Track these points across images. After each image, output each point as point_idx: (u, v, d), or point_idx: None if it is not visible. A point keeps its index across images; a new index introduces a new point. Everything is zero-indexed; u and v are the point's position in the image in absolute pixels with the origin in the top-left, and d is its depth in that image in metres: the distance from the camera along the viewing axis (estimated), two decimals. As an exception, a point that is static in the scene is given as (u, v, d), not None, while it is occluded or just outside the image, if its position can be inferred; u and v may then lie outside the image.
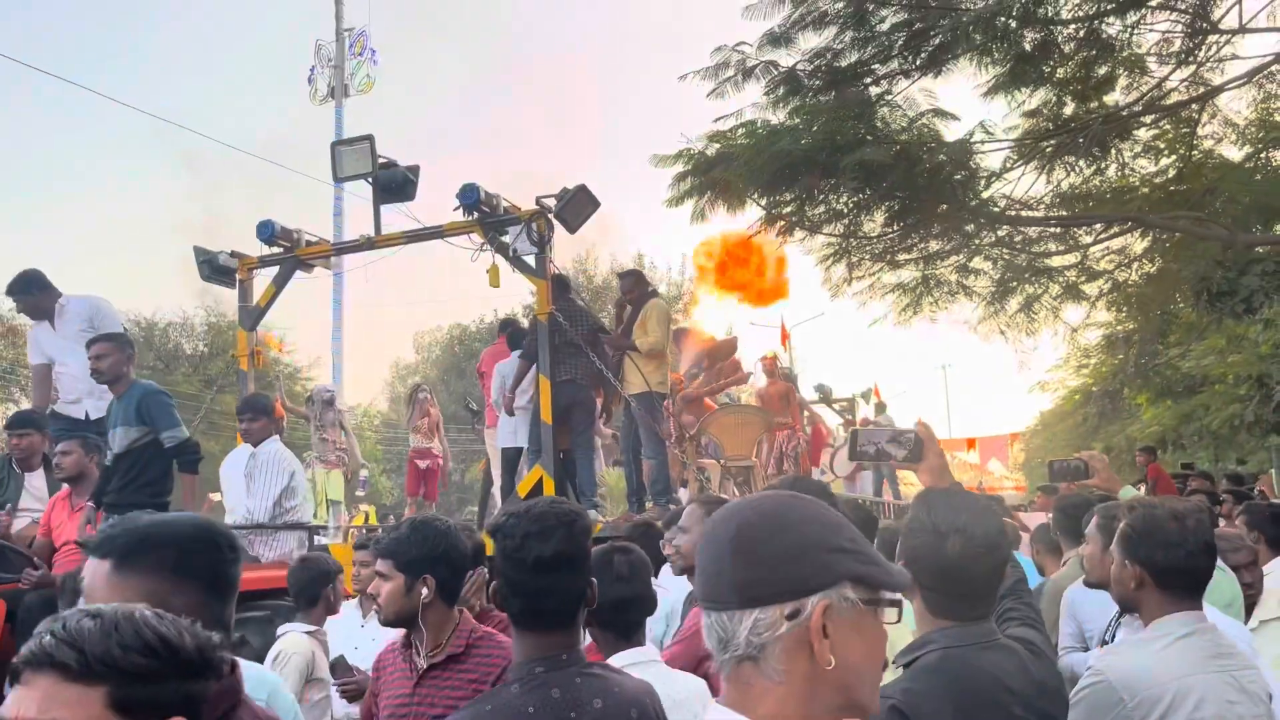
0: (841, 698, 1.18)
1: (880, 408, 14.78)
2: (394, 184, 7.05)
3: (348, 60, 17.24)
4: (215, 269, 7.51)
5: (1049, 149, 8.53)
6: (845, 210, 8.56)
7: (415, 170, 7.08)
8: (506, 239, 6.83)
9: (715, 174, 8.20)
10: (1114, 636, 3.06)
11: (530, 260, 6.81)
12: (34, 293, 6.51)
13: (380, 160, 7.00)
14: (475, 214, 6.73)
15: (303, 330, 57.98)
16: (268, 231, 7.30)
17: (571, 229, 6.77)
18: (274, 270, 7.69)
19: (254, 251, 7.63)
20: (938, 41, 8.03)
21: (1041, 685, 1.96)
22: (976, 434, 28.17)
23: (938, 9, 7.94)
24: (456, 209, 6.77)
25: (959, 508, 1.97)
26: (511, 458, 7.95)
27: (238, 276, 7.59)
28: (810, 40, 8.28)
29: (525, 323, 9.28)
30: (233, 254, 7.59)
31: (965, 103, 8.44)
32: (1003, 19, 7.36)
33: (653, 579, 2.78)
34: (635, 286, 7.94)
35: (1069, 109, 8.43)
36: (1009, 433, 28.59)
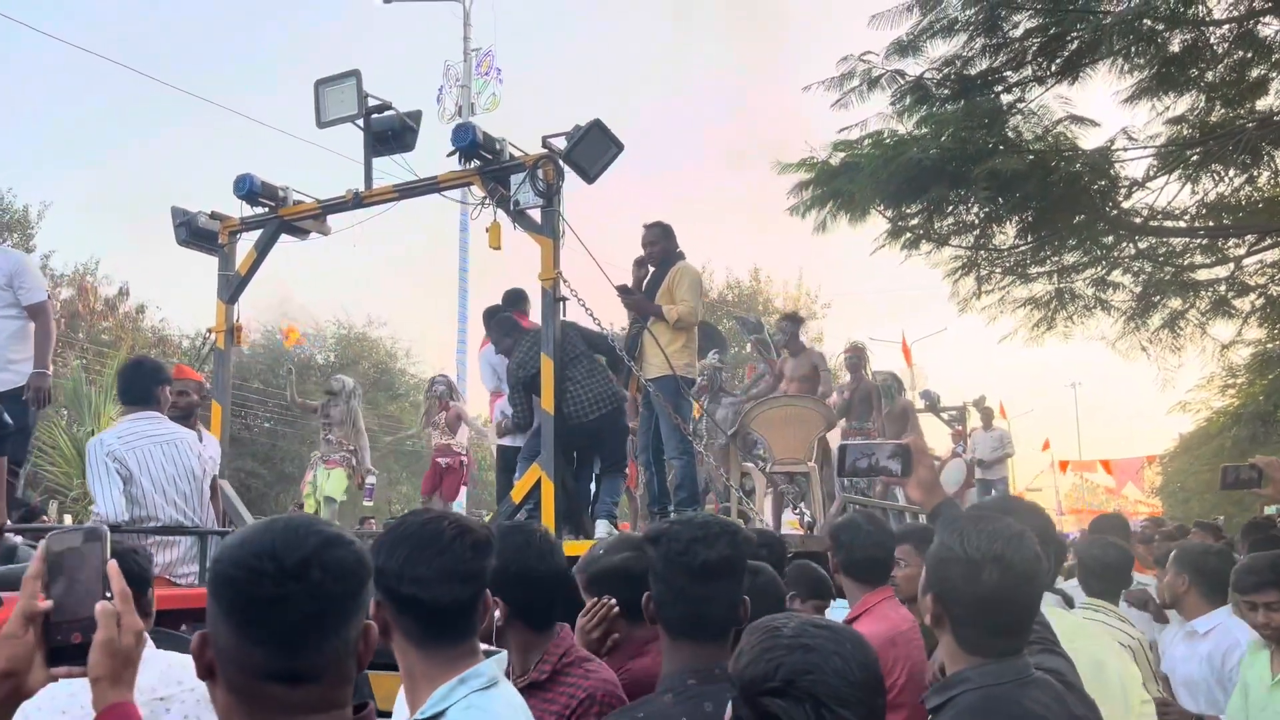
0: None
1: (988, 416, 13.77)
2: (390, 131, 5.94)
3: (474, 79, 17.78)
4: (194, 232, 6.42)
5: (1195, 156, 8.10)
6: (975, 222, 8.32)
7: (416, 116, 6.01)
8: (521, 194, 5.71)
9: (839, 184, 8.09)
10: None
11: (535, 215, 5.64)
12: None
13: (372, 102, 5.91)
14: (474, 161, 5.65)
15: (427, 343, 59.74)
16: (245, 187, 6.17)
17: (588, 176, 5.57)
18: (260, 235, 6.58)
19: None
20: (1074, 46, 7.74)
21: None
22: (1109, 456, 26.97)
23: (1075, 13, 7.65)
24: (451, 154, 5.66)
25: (994, 535, 1.82)
26: (510, 456, 6.96)
27: (219, 241, 6.54)
28: (939, 48, 8.11)
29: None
30: (213, 215, 6.54)
31: (1104, 109, 8.11)
32: (1147, 21, 7.03)
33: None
34: (661, 240, 6.36)
35: (1218, 114, 7.99)
36: (1144, 455, 27.26)
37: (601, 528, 5.68)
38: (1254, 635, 3.34)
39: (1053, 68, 7.93)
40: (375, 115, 5.92)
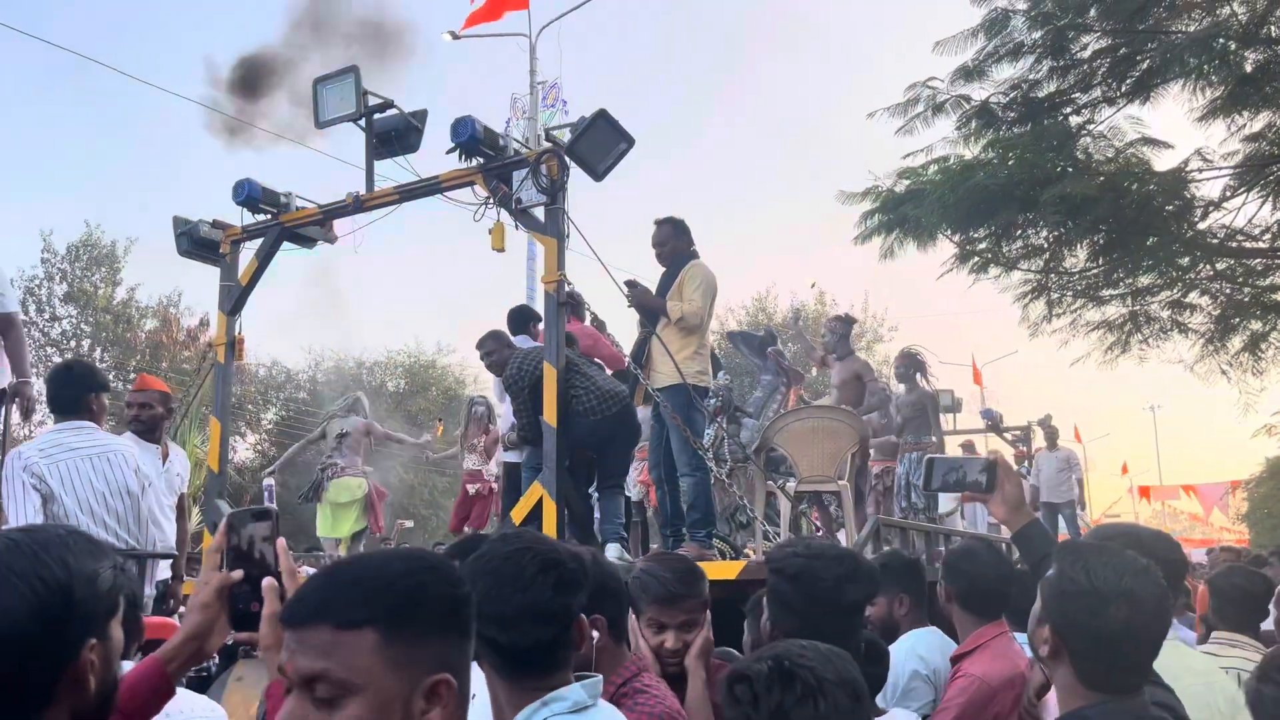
0: None
1: (1053, 436, 12.99)
2: (392, 131, 5.54)
3: (541, 111, 18.08)
4: (195, 242, 6.15)
5: (1275, 175, 7.91)
6: (1044, 245, 8.23)
7: (421, 115, 5.58)
8: (524, 191, 5.33)
9: (904, 211, 8.08)
10: None
11: (539, 214, 5.22)
12: None
13: (373, 100, 5.51)
14: (477, 159, 5.28)
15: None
16: (244, 192, 5.83)
17: (595, 173, 5.14)
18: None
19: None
20: (1145, 66, 7.65)
21: None
22: (1190, 480, 26.14)
23: (1145, 33, 7.57)
24: (451, 150, 5.27)
25: (1122, 568, 1.75)
26: (515, 473, 6.50)
27: (221, 250, 6.24)
28: (1004, 71, 8.09)
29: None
30: (214, 224, 6.24)
31: (1177, 129, 7.98)
32: (1220, 40, 6.92)
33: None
34: (672, 239, 5.73)
35: (1298, 131, 7.81)
36: (1229, 480, 26.36)
37: (613, 551, 5.27)
38: None
39: (1123, 88, 7.85)
40: (377, 115, 5.55)
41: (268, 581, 1.44)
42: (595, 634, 1.98)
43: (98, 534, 3.68)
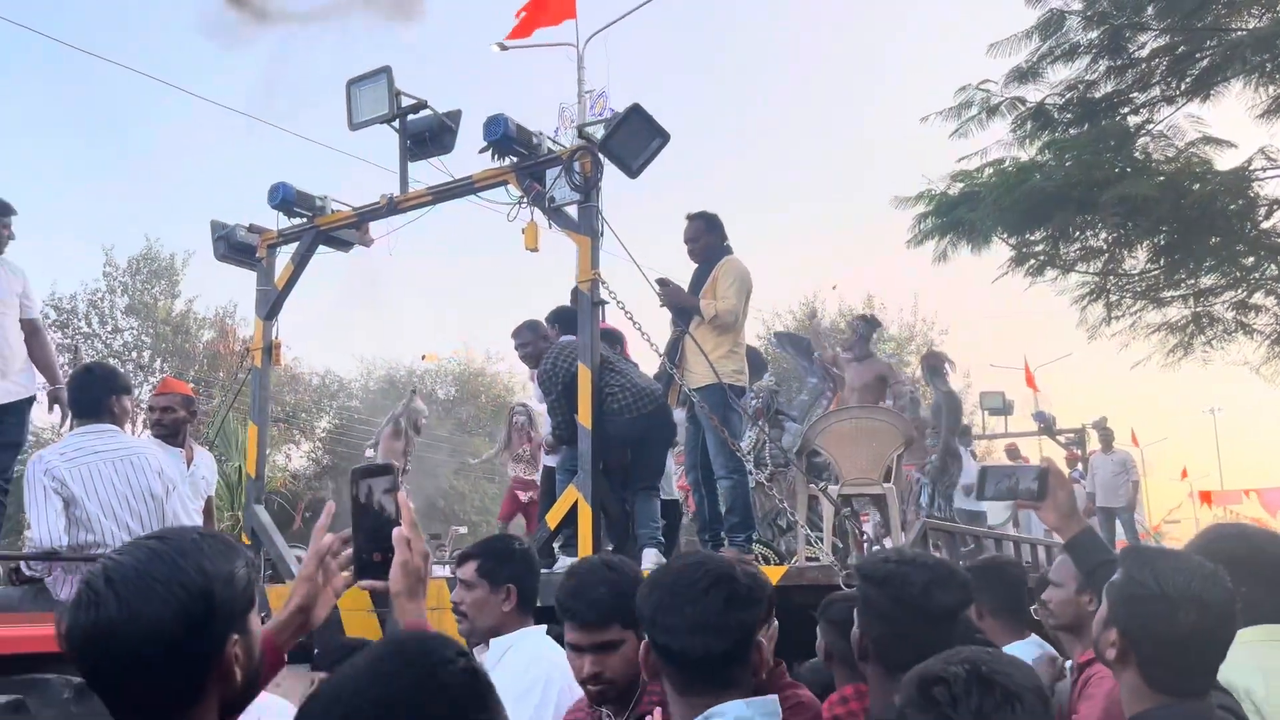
0: None
1: (1108, 438, 12.59)
2: (427, 132, 5.43)
3: (588, 120, 18.23)
4: (232, 246, 6.12)
5: (1342, 171, 7.74)
6: (1103, 247, 8.12)
7: (455, 116, 5.44)
8: (557, 189, 5.22)
9: (959, 214, 8.03)
10: None
11: (573, 212, 5.10)
12: None
13: (406, 101, 5.40)
14: (510, 158, 5.16)
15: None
16: (279, 196, 5.79)
17: (630, 170, 5.01)
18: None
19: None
20: (1205, 64, 7.54)
21: None
22: (1253, 485, 25.47)
23: (1203, 30, 7.46)
24: (484, 150, 5.16)
25: (1191, 573, 1.77)
26: (552, 479, 6.22)
27: (257, 254, 6.19)
28: (1060, 72, 8.02)
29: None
30: (251, 228, 6.19)
31: (1239, 127, 7.83)
32: (1283, 36, 6.81)
33: None
34: (704, 234, 5.55)
35: (1365, 127, 7.63)
36: (1294, 484, 25.63)
37: (650, 557, 5.08)
38: None
39: (1182, 87, 7.74)
40: (410, 116, 5.45)
41: (398, 532, 1.53)
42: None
43: (121, 537, 3.79)
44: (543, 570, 3.13)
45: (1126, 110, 7.92)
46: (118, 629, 1.15)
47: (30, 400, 4.97)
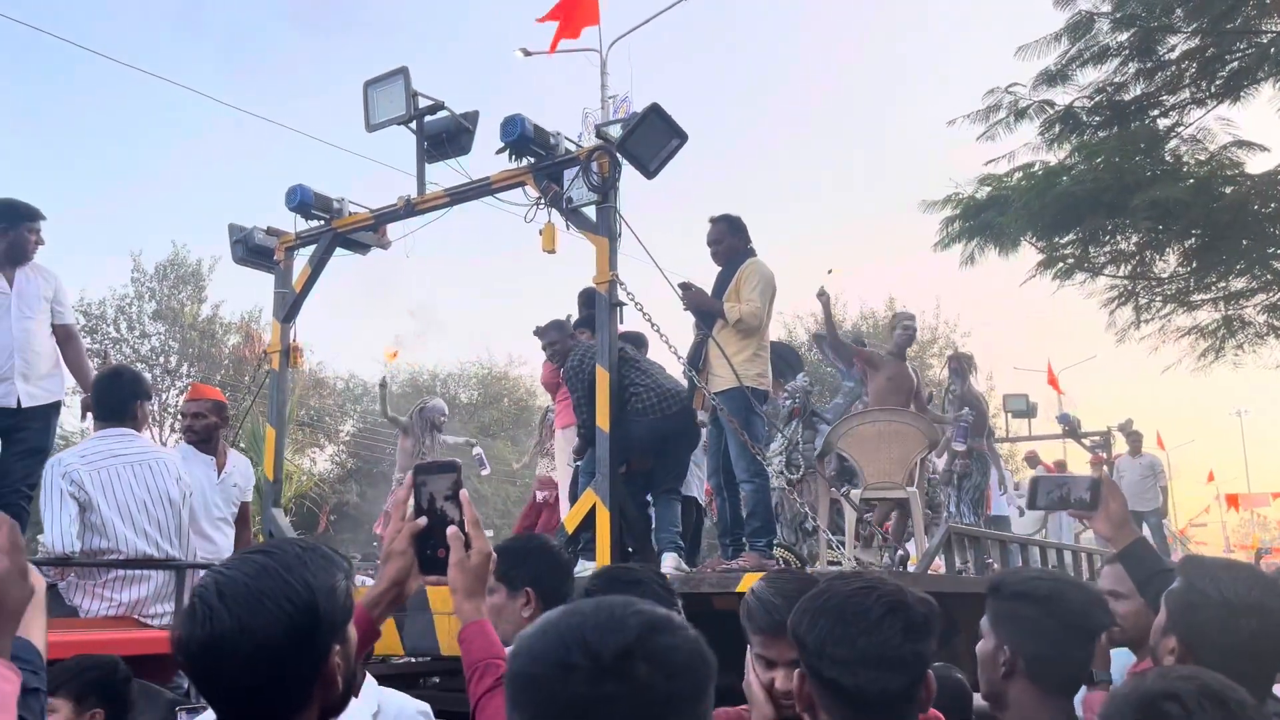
0: None
1: (1136, 441, 12.39)
2: (444, 133, 5.40)
3: (612, 124, 18.26)
4: (250, 249, 6.12)
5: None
6: (1133, 250, 8.09)
7: (472, 117, 5.41)
8: (575, 190, 5.16)
9: (986, 217, 8.03)
10: None
11: (590, 213, 5.07)
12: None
13: (423, 103, 5.37)
14: (527, 158, 5.13)
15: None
16: (297, 198, 5.78)
17: (647, 170, 4.96)
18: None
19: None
20: (1235, 66, 7.50)
21: None
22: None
23: (1233, 32, 7.43)
24: (501, 150, 5.12)
25: (1251, 581, 1.79)
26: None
27: (275, 257, 6.16)
28: (1089, 75, 8.00)
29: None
30: (269, 230, 6.16)
31: (1269, 130, 7.79)
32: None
33: None
34: (727, 237, 5.47)
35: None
36: (1323, 488, 25.35)
37: (669, 561, 5.04)
38: None
39: (1212, 89, 7.70)
40: (428, 117, 5.42)
41: (452, 530, 1.56)
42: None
43: (137, 543, 3.79)
44: None
45: (1156, 113, 7.89)
46: (230, 642, 1.20)
47: (57, 405, 4.88)
